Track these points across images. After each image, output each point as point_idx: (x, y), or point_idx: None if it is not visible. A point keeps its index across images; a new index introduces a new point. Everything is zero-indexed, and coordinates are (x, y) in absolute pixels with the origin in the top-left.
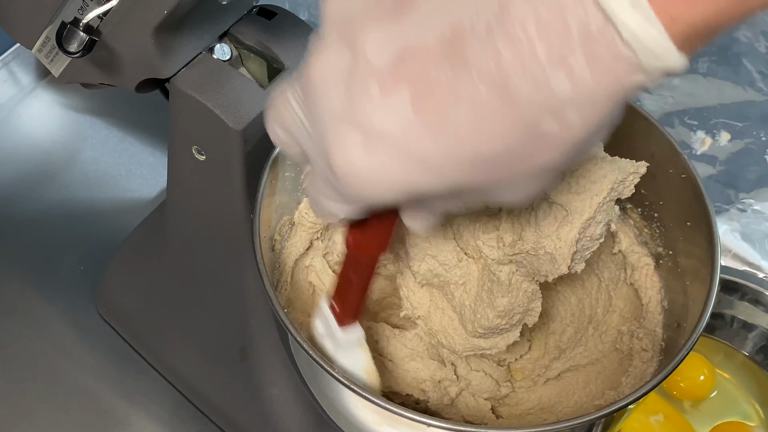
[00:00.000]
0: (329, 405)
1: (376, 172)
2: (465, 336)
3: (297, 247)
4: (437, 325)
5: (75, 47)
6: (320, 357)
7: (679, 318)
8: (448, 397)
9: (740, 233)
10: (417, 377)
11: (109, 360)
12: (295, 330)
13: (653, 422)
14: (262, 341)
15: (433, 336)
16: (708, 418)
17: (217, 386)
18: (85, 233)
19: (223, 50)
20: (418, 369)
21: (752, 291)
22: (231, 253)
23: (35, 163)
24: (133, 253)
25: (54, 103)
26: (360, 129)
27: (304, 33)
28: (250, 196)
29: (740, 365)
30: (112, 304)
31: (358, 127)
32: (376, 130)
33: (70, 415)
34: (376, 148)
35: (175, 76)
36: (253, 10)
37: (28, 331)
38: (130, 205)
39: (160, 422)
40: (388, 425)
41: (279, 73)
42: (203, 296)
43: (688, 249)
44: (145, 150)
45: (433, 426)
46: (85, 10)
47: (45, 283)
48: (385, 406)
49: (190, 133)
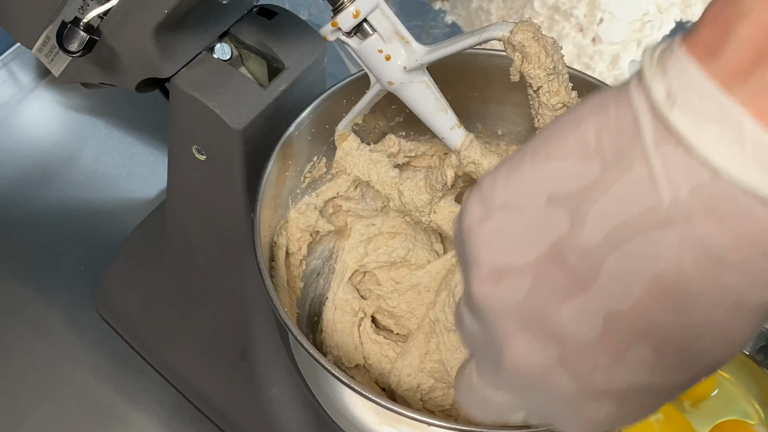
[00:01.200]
0: (329, 404)
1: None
2: None
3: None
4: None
5: (75, 47)
6: (320, 357)
7: None
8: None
9: None
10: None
11: (109, 360)
12: (296, 330)
13: (653, 422)
14: (262, 341)
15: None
16: (708, 417)
17: (217, 386)
18: (85, 233)
19: (224, 50)
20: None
21: None
22: (231, 253)
23: (35, 163)
24: (133, 253)
25: (54, 103)
26: (610, 397)
27: (304, 33)
28: (250, 196)
29: (740, 365)
30: (112, 304)
31: (607, 396)
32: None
33: (70, 415)
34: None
35: (175, 76)
36: (253, 10)
37: (28, 331)
38: (130, 205)
39: (160, 422)
40: (388, 425)
41: (279, 73)
42: (203, 296)
43: None
44: (145, 150)
45: (434, 426)
46: (85, 9)
47: (45, 283)
48: (386, 405)
49: (190, 132)
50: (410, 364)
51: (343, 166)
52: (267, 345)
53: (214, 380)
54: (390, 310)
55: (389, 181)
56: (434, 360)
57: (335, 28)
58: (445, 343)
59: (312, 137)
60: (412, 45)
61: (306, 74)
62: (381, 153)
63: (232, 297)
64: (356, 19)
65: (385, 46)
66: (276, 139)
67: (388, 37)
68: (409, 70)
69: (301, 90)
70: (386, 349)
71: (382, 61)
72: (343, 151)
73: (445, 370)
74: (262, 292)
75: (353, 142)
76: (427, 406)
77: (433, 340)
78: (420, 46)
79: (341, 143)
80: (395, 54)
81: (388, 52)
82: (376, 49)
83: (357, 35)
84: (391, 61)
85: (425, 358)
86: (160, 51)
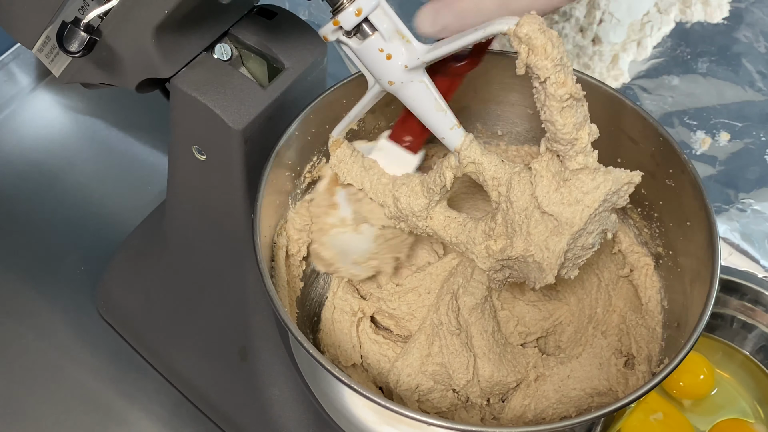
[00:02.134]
0: (329, 404)
1: None
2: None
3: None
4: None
5: (75, 47)
6: (320, 356)
7: (679, 318)
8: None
9: (740, 233)
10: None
11: (109, 360)
12: (296, 330)
13: (653, 421)
14: (262, 341)
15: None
16: (708, 416)
17: (217, 386)
18: (85, 233)
19: (224, 50)
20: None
21: (752, 291)
22: (231, 253)
23: (35, 163)
24: (133, 253)
25: (54, 103)
26: None
27: (304, 33)
28: (250, 196)
29: (740, 365)
30: (112, 304)
31: None
32: None
33: (70, 414)
34: None
35: (175, 76)
36: (253, 10)
37: (28, 331)
38: (130, 205)
39: (160, 422)
40: (388, 425)
41: (279, 73)
42: (203, 296)
43: (688, 249)
44: (145, 150)
45: (434, 426)
46: (85, 9)
47: (45, 283)
48: (385, 405)
49: (190, 133)
50: (411, 364)
51: (331, 173)
52: (267, 345)
53: (214, 380)
54: (390, 312)
55: (382, 189)
56: (436, 363)
57: (336, 27)
58: (447, 347)
59: (312, 137)
60: (412, 44)
61: (306, 74)
62: (373, 160)
63: (232, 297)
64: (358, 17)
65: (386, 45)
66: (276, 139)
67: (389, 36)
68: (410, 69)
69: (301, 90)
70: (386, 348)
71: (382, 60)
72: (336, 158)
73: (447, 374)
74: (262, 292)
75: (347, 149)
76: (423, 407)
77: (436, 343)
78: (420, 45)
79: (334, 150)
80: (396, 53)
81: (389, 51)
82: (377, 49)
83: (357, 36)
84: (392, 60)
85: (427, 360)
86: (160, 51)
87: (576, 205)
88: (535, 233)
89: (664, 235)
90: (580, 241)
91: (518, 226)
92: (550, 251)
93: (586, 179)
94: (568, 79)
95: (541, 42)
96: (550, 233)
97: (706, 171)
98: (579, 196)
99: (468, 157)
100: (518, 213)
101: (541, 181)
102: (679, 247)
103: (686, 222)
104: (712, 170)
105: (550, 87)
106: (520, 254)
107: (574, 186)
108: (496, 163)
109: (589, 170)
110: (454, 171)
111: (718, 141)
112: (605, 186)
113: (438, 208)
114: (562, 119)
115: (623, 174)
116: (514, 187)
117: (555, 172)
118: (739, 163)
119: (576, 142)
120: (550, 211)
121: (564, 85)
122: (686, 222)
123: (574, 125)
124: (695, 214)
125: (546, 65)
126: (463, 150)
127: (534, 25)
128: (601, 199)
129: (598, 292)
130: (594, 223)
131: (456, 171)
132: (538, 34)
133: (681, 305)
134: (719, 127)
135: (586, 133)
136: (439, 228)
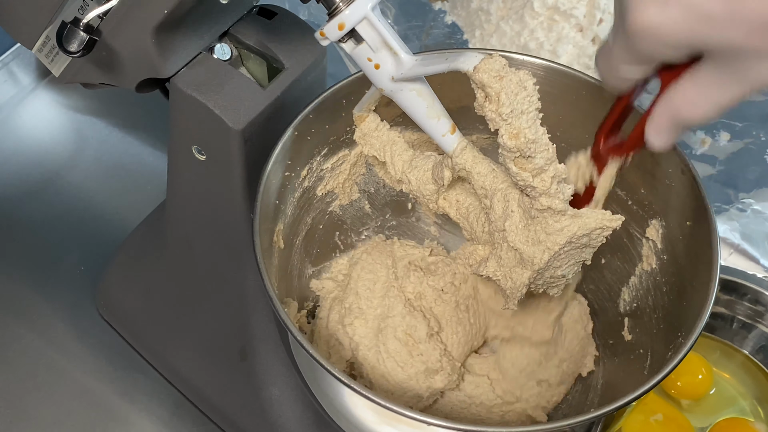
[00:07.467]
0: (329, 404)
1: (668, 26)
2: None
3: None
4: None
5: (75, 47)
6: (320, 357)
7: (679, 318)
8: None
9: (740, 233)
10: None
11: (109, 360)
12: (296, 330)
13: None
14: (262, 341)
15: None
16: (708, 416)
17: (217, 386)
18: (85, 233)
19: (223, 50)
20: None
21: (752, 291)
22: (231, 252)
23: (35, 163)
24: (133, 253)
25: (54, 103)
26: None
27: (304, 33)
28: (250, 196)
29: (740, 365)
30: (112, 304)
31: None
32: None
33: (70, 415)
34: (670, 6)
35: (175, 76)
36: (253, 10)
37: (28, 331)
38: (130, 205)
39: (160, 422)
40: (388, 425)
41: (279, 73)
42: (203, 296)
43: (688, 249)
44: (145, 150)
45: (433, 425)
46: (85, 9)
47: (45, 283)
48: (385, 405)
49: (190, 133)
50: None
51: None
52: (267, 345)
53: (214, 380)
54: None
55: (401, 165)
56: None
57: (323, 38)
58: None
59: (312, 137)
60: (400, 56)
61: (306, 74)
62: (398, 134)
63: (232, 297)
64: (341, 31)
65: (374, 55)
66: (276, 139)
67: (376, 48)
68: (397, 80)
69: (301, 90)
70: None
71: (371, 68)
72: (361, 131)
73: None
74: (262, 292)
75: (372, 122)
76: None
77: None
78: (409, 58)
79: (360, 123)
80: (383, 63)
81: (376, 61)
82: (366, 57)
83: (351, 40)
84: (380, 69)
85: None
86: (159, 51)
87: (538, 245)
88: (506, 258)
89: (664, 235)
90: (548, 273)
91: (497, 243)
92: (513, 282)
93: (551, 221)
94: (524, 128)
95: (495, 91)
96: (515, 263)
97: (706, 171)
98: (542, 236)
99: (459, 164)
100: (497, 231)
101: (512, 216)
102: (679, 247)
103: (686, 222)
104: (712, 170)
105: (500, 138)
106: (490, 275)
107: (540, 225)
108: (485, 173)
109: (554, 212)
110: (452, 171)
111: (718, 141)
112: (570, 230)
113: (449, 192)
114: (516, 168)
115: (593, 220)
116: (494, 207)
117: (525, 209)
118: (739, 163)
119: (536, 187)
120: (515, 246)
121: (515, 137)
122: (686, 222)
123: (532, 172)
124: (695, 214)
125: (494, 118)
126: (455, 157)
127: (491, 72)
128: (563, 242)
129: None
130: (560, 260)
131: (453, 172)
132: (493, 81)
133: (681, 305)
134: (719, 127)
135: (548, 177)
136: (448, 209)
